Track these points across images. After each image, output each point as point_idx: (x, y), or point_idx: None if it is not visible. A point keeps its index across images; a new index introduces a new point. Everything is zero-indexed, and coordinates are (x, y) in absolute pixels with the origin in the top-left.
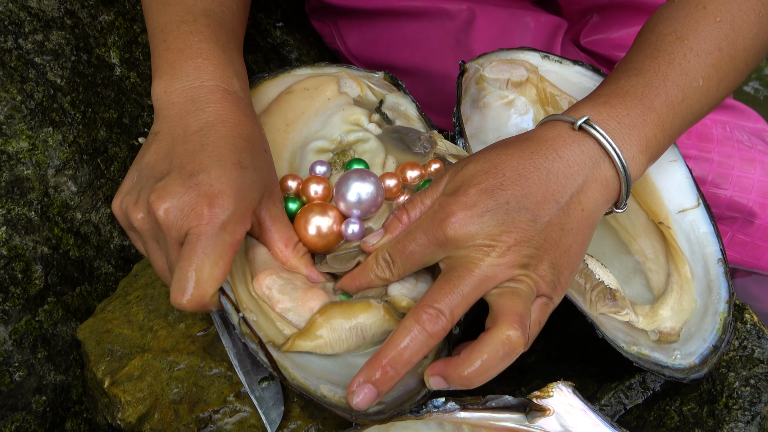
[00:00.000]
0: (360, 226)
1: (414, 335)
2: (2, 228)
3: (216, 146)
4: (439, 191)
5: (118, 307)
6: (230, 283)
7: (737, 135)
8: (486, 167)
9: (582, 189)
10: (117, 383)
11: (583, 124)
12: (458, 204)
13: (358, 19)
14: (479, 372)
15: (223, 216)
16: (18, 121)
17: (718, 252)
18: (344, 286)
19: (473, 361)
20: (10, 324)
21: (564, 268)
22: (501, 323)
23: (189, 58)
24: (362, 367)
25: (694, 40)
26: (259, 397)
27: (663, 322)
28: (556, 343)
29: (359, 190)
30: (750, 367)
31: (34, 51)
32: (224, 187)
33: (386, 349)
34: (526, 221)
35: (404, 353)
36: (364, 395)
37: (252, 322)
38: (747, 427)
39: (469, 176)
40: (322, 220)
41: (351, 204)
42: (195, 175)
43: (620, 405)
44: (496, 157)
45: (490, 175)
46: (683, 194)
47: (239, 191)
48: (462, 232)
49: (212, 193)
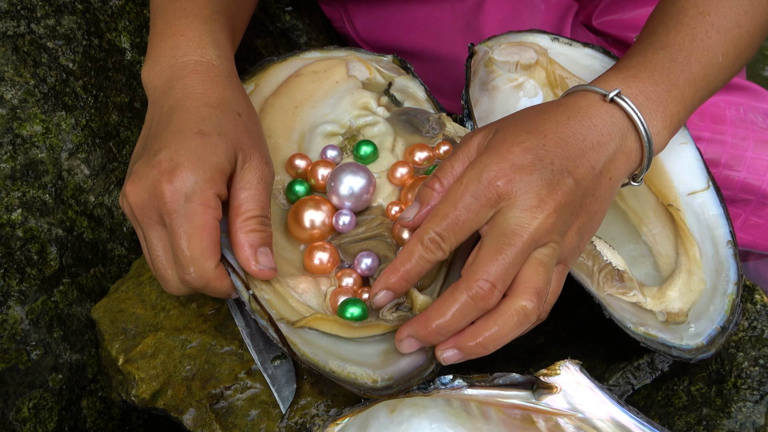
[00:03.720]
0: (351, 218)
1: (463, 308)
2: (18, 210)
3: (179, 120)
4: (470, 154)
5: (132, 288)
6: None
7: (751, 116)
8: (526, 128)
9: (612, 158)
10: (131, 361)
11: (615, 97)
12: (506, 161)
13: (368, 2)
14: (493, 338)
15: (186, 188)
16: (32, 105)
17: (728, 234)
18: (393, 288)
19: (489, 327)
20: (27, 304)
21: (587, 234)
22: (518, 294)
23: (167, 38)
24: (410, 322)
25: (715, 15)
26: (272, 375)
27: (671, 303)
28: (565, 324)
29: (351, 184)
30: (759, 347)
31: (47, 35)
32: (182, 159)
33: (435, 314)
34: (569, 185)
35: (452, 324)
36: (410, 346)
37: (264, 300)
38: (755, 406)
39: (510, 135)
40: (316, 214)
41: (343, 197)
42: (157, 153)
43: (628, 385)
44: (533, 119)
45: (532, 135)
46: (693, 176)
47: (199, 159)
48: (514, 188)
49: (170, 168)
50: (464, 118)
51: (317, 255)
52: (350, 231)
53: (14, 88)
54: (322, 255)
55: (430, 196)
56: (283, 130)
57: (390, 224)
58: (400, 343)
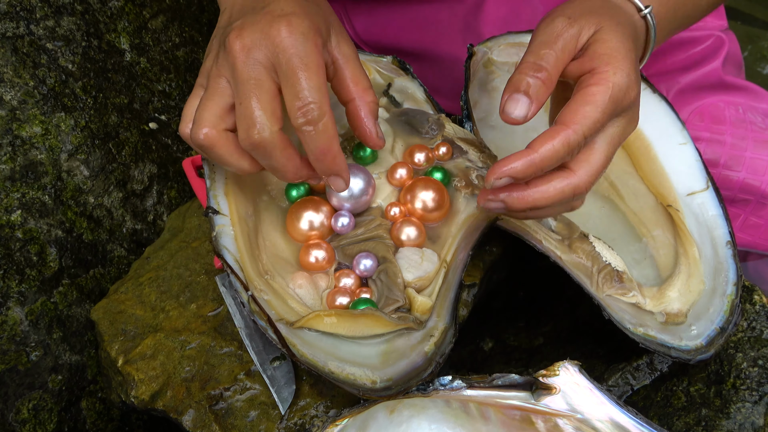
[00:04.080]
0: (350, 219)
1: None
2: (18, 211)
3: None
4: (569, 48)
5: (131, 289)
6: (240, 263)
7: (750, 117)
8: (625, 32)
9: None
10: (130, 362)
11: (648, 14)
12: (631, 78)
13: (367, 2)
14: (545, 199)
15: (302, 28)
16: (31, 106)
17: (727, 235)
18: (520, 176)
19: (540, 186)
20: (26, 305)
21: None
22: (576, 171)
23: None
24: (507, 159)
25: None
26: (271, 376)
27: (670, 304)
28: (565, 325)
29: (351, 185)
30: (758, 348)
31: (46, 37)
32: (294, 8)
33: (538, 152)
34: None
35: (542, 166)
36: (502, 176)
37: (263, 300)
38: (754, 407)
39: (620, 42)
40: (315, 216)
41: (342, 198)
42: (266, 6)
43: (627, 386)
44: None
45: (630, 40)
46: (692, 177)
47: (306, 14)
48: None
49: (287, 13)
50: (463, 119)
51: (313, 252)
52: (349, 232)
53: (14, 90)
54: (318, 252)
55: (540, 80)
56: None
57: (389, 225)
58: (494, 170)
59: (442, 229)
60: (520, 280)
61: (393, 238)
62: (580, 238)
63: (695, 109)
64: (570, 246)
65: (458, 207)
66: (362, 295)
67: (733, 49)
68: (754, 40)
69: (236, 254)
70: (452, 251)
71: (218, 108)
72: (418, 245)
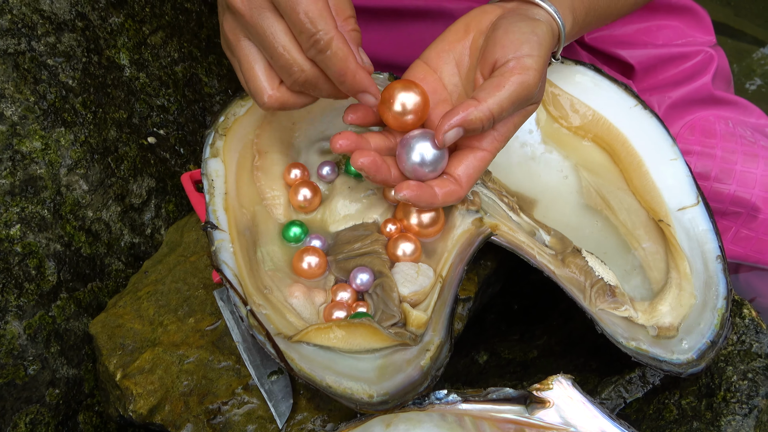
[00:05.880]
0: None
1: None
2: (17, 226)
3: None
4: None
5: (129, 303)
6: (238, 278)
7: (740, 131)
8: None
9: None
10: (128, 376)
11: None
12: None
13: (364, 18)
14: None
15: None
16: (31, 121)
17: (717, 249)
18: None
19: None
20: (24, 319)
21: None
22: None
23: None
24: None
25: None
26: (269, 390)
27: (662, 318)
28: (558, 339)
29: (422, 151)
30: (748, 361)
31: (47, 53)
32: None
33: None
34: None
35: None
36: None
37: (261, 315)
38: (744, 420)
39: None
40: (312, 259)
41: (415, 164)
42: None
43: (620, 399)
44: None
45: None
46: (683, 192)
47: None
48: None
49: None
50: None
51: (306, 258)
52: (345, 247)
53: (14, 105)
54: (311, 259)
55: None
56: (281, 146)
57: (385, 241)
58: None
59: (438, 243)
60: (515, 292)
61: (389, 254)
62: (573, 252)
63: (686, 123)
64: (563, 260)
65: (454, 222)
66: (359, 309)
67: (722, 64)
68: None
69: (235, 269)
70: (447, 266)
71: (260, 72)
72: (414, 260)
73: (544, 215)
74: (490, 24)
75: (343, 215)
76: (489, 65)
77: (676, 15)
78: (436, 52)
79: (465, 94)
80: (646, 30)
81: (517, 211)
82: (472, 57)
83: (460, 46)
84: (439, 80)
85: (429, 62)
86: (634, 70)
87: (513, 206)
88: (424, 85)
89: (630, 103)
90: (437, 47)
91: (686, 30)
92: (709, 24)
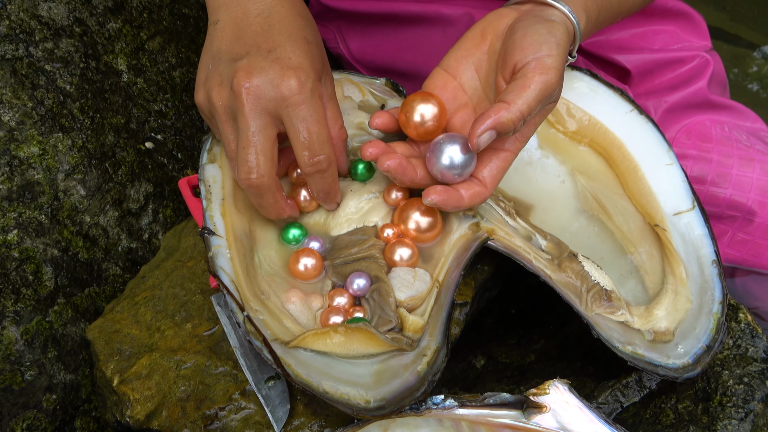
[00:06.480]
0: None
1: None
2: (14, 231)
3: (282, 25)
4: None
5: (126, 308)
6: (236, 284)
7: (736, 135)
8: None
9: None
10: (126, 382)
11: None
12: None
13: (361, 23)
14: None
15: (309, 84)
16: (29, 126)
17: (713, 254)
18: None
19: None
20: (21, 324)
21: None
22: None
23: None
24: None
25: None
26: (266, 395)
27: (658, 322)
28: (555, 343)
29: (452, 154)
30: (744, 365)
31: (45, 58)
32: (301, 59)
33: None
34: None
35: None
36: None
37: (258, 320)
38: (740, 424)
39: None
40: (308, 260)
41: (444, 167)
42: (273, 51)
43: (617, 403)
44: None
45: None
46: (679, 197)
47: (311, 63)
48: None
49: (295, 66)
50: None
51: (302, 260)
52: (342, 251)
53: (12, 111)
54: (307, 260)
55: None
56: None
57: (382, 245)
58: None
59: (435, 248)
60: (512, 297)
61: (386, 259)
62: (570, 257)
63: (682, 128)
64: (560, 265)
65: (451, 227)
66: (355, 314)
67: (718, 69)
68: (739, 60)
69: (232, 275)
70: (444, 271)
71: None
72: (411, 265)
73: (541, 220)
74: (506, 28)
75: (345, 218)
76: (509, 68)
77: (671, 20)
78: (455, 59)
79: (485, 97)
80: (642, 35)
81: (514, 215)
82: (490, 61)
83: (479, 52)
84: (459, 86)
85: (448, 69)
86: (630, 74)
87: (510, 211)
88: (445, 92)
89: (626, 108)
90: (456, 54)
91: (682, 35)
92: (704, 29)
